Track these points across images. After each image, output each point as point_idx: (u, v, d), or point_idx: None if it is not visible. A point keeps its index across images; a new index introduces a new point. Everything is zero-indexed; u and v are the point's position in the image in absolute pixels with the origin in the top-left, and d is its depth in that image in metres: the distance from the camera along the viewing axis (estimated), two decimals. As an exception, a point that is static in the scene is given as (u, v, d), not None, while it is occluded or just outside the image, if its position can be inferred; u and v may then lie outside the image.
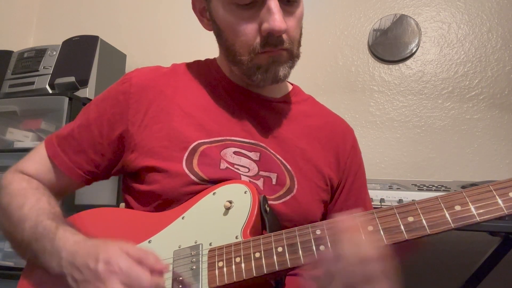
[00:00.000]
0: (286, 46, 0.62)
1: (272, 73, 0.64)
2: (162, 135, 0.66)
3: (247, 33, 0.61)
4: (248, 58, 0.63)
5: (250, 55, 0.63)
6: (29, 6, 2.27)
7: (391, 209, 0.50)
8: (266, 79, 0.65)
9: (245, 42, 0.62)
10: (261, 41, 0.61)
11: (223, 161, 0.65)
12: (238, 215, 0.57)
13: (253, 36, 0.61)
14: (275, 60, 0.63)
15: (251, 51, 0.62)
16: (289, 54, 0.64)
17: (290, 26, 0.62)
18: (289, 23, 0.62)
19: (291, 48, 0.64)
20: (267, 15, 0.59)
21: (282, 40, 0.62)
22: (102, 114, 0.69)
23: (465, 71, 1.63)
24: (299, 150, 0.70)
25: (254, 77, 0.65)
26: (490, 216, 0.46)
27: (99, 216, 0.68)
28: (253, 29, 0.61)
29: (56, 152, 0.69)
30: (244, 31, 0.61)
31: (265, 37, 0.61)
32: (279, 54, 0.63)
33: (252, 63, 0.63)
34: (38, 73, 1.71)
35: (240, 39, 0.63)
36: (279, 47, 0.62)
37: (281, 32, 0.60)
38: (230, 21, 0.62)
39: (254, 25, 0.61)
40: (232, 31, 0.63)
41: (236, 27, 0.62)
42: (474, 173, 1.54)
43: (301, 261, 0.50)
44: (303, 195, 0.67)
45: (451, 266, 1.49)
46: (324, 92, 1.78)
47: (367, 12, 1.79)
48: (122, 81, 0.72)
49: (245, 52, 0.63)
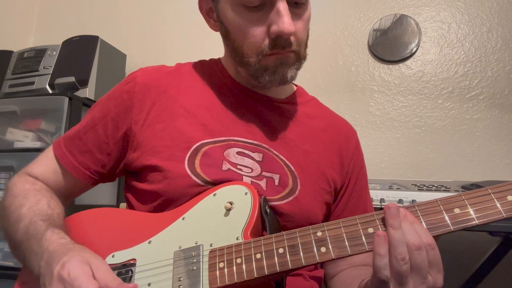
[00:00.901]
0: (294, 48, 0.63)
1: (279, 75, 0.64)
2: (165, 134, 0.66)
3: (255, 35, 0.62)
4: (256, 60, 0.63)
5: (258, 57, 0.63)
6: (29, 6, 2.27)
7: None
8: (274, 81, 0.65)
9: (253, 44, 0.62)
10: (270, 43, 0.61)
11: (225, 162, 0.65)
12: (239, 216, 0.57)
13: (261, 38, 0.62)
14: (283, 62, 0.64)
15: (259, 53, 0.63)
16: (297, 56, 0.65)
17: (298, 28, 0.63)
18: (297, 26, 0.62)
19: (299, 50, 0.64)
20: (276, 17, 0.59)
21: (290, 42, 0.62)
22: (106, 114, 0.69)
23: (465, 71, 1.63)
24: (303, 152, 0.70)
25: (261, 78, 0.65)
26: (489, 219, 0.47)
27: (98, 216, 0.67)
28: (262, 31, 0.61)
29: (63, 153, 0.70)
30: (252, 33, 0.62)
31: (274, 39, 0.61)
32: (286, 56, 0.63)
33: (259, 64, 0.64)
34: (38, 73, 1.71)
35: (248, 41, 0.63)
36: (287, 49, 0.62)
37: (290, 34, 0.60)
38: (239, 23, 0.63)
39: (262, 27, 0.61)
40: (240, 33, 0.63)
41: (244, 29, 0.62)
42: (474, 173, 1.54)
43: (302, 262, 0.50)
44: (306, 196, 0.67)
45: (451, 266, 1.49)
46: (324, 92, 1.78)
47: (367, 12, 1.78)
48: (126, 80, 0.72)
49: (253, 54, 0.63)
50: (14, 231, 0.61)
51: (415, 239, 0.45)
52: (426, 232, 0.47)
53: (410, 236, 0.45)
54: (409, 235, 0.45)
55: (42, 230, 0.57)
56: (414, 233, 0.45)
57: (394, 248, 0.45)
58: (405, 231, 0.45)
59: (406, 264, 0.44)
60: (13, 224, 0.61)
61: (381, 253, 0.45)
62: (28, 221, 0.59)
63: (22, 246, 0.58)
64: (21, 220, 0.60)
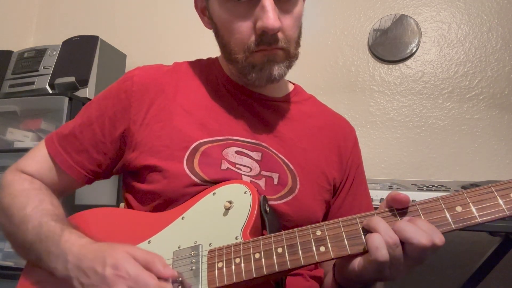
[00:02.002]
0: (281, 45, 0.61)
1: (266, 72, 0.63)
2: (163, 134, 0.65)
3: (241, 31, 0.61)
4: (243, 57, 0.62)
5: (245, 54, 0.62)
6: (29, 6, 2.27)
7: (392, 210, 0.50)
8: (261, 78, 0.64)
9: (239, 40, 0.62)
10: (256, 39, 0.60)
11: (224, 161, 0.64)
12: (238, 215, 0.57)
13: (247, 34, 0.61)
14: (270, 59, 0.62)
15: (246, 50, 0.62)
16: (286, 54, 0.63)
17: (287, 24, 0.61)
18: (285, 22, 0.61)
19: (287, 48, 0.63)
20: (261, 13, 0.58)
21: (277, 38, 0.61)
22: (103, 113, 0.69)
23: (465, 71, 1.63)
24: (301, 150, 0.70)
25: (249, 76, 0.64)
26: (492, 217, 0.46)
27: (98, 216, 0.67)
28: (248, 27, 0.60)
29: (58, 151, 0.69)
30: (238, 29, 0.61)
31: (260, 35, 0.60)
32: (274, 53, 0.62)
33: (247, 61, 0.63)
34: (38, 73, 1.71)
35: (234, 37, 0.62)
36: (273, 45, 0.61)
37: (275, 30, 0.59)
38: (225, 19, 0.62)
39: (248, 23, 0.60)
40: (227, 29, 0.63)
41: (230, 24, 0.61)
42: (474, 173, 1.54)
43: (301, 262, 0.49)
44: (305, 195, 0.66)
45: (451, 266, 1.49)
46: (324, 92, 1.78)
47: (367, 12, 1.78)
48: (123, 79, 0.71)
49: (240, 50, 0.62)
50: (21, 233, 0.60)
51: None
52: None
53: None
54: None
55: (58, 231, 0.57)
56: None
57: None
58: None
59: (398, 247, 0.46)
60: (18, 225, 0.60)
61: (380, 230, 0.47)
62: (38, 222, 0.58)
63: (34, 247, 0.58)
64: (29, 221, 0.59)
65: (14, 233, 0.62)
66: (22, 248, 0.61)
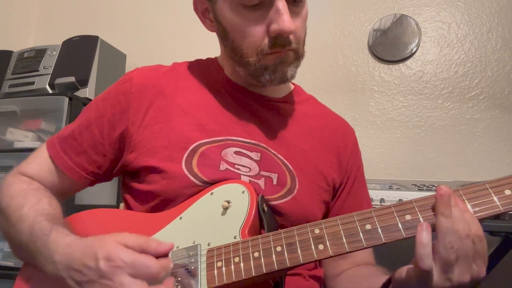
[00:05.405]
0: (293, 46, 0.63)
1: (280, 73, 0.64)
2: (162, 135, 0.65)
3: (255, 34, 0.61)
4: (256, 59, 0.63)
5: (258, 56, 0.63)
6: (29, 6, 2.27)
7: (389, 208, 0.50)
8: (274, 80, 0.65)
9: (253, 43, 0.62)
10: (269, 42, 0.61)
11: (223, 162, 0.64)
12: (236, 215, 0.57)
13: (261, 37, 0.61)
14: (283, 61, 0.63)
15: (259, 52, 0.62)
16: (296, 54, 0.65)
17: (297, 26, 0.62)
18: (295, 24, 0.62)
19: (298, 48, 0.64)
20: (275, 16, 0.59)
21: (290, 40, 0.62)
22: (102, 114, 0.69)
23: (465, 71, 1.63)
24: (301, 151, 0.70)
25: (261, 77, 0.65)
26: (486, 213, 0.46)
27: (96, 217, 0.67)
28: (261, 30, 0.61)
29: (58, 153, 0.69)
30: (252, 32, 0.61)
31: (274, 38, 0.61)
32: (286, 54, 0.63)
33: (259, 64, 0.63)
34: (38, 73, 1.71)
35: (248, 40, 0.62)
36: (287, 47, 0.62)
37: (291, 32, 0.60)
38: (238, 23, 0.62)
39: (262, 26, 0.61)
40: (239, 33, 0.63)
41: (244, 28, 0.62)
42: (474, 173, 1.54)
43: (300, 260, 0.50)
44: (304, 195, 0.67)
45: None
46: (324, 92, 1.78)
47: (367, 12, 1.78)
48: (122, 80, 0.71)
49: (252, 53, 0.63)
50: (17, 232, 0.60)
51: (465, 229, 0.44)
52: (477, 222, 0.46)
53: (461, 225, 0.44)
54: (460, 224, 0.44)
55: (46, 231, 0.56)
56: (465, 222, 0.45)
57: (443, 236, 0.44)
58: (455, 219, 0.45)
59: (455, 252, 0.44)
60: (15, 224, 0.60)
61: (424, 242, 0.44)
62: (32, 221, 0.58)
63: (29, 247, 0.57)
64: (24, 221, 0.59)
65: (11, 233, 0.62)
66: (19, 248, 0.61)
